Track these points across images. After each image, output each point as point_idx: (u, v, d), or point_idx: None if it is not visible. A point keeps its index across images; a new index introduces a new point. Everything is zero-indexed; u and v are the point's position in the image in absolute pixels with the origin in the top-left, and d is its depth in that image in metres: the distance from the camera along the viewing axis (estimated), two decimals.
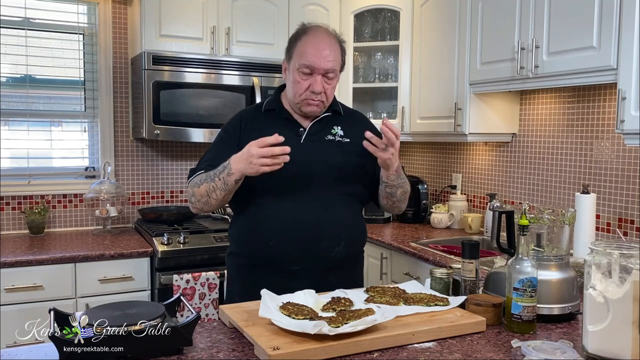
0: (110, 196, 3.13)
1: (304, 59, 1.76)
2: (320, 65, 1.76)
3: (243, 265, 1.85)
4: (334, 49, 1.80)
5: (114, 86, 3.31)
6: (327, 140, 1.85)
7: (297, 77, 1.78)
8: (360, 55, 3.55)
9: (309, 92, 1.78)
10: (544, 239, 1.54)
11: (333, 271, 1.81)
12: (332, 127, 1.87)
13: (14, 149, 3.16)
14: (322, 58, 1.76)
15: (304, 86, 1.78)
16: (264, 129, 1.80)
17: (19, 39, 3.11)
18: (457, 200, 3.29)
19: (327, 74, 1.78)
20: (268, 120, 1.86)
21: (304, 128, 1.84)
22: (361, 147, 1.84)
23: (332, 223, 1.79)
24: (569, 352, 1.23)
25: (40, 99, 3.21)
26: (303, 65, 1.76)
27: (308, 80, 1.77)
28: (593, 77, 2.16)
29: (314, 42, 1.78)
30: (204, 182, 1.74)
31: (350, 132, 1.88)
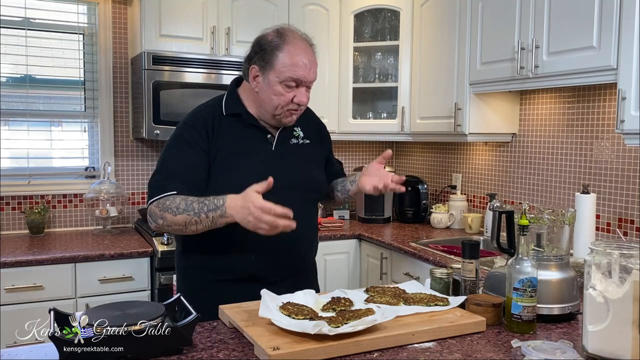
0: (110, 196, 3.13)
1: (291, 73, 1.66)
2: (308, 79, 1.71)
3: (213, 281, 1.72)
4: (314, 59, 1.74)
5: (114, 86, 3.31)
6: (292, 144, 1.81)
7: (281, 90, 1.68)
8: (360, 55, 3.55)
9: (293, 103, 1.70)
10: (544, 239, 1.54)
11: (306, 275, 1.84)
12: (293, 129, 1.83)
13: (14, 149, 3.16)
14: (309, 71, 1.70)
15: (287, 98, 1.69)
16: (232, 137, 1.72)
17: (19, 39, 3.11)
18: (457, 200, 3.29)
19: (309, 85, 1.74)
20: (234, 126, 1.74)
21: (272, 134, 1.78)
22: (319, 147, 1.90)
23: (306, 229, 1.79)
24: (569, 352, 1.23)
25: (40, 99, 3.21)
26: (289, 79, 1.67)
27: (292, 92, 1.69)
28: (593, 77, 2.16)
29: (298, 53, 1.68)
30: (184, 212, 1.56)
31: (308, 132, 1.87)
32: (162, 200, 1.61)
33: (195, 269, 1.77)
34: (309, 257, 1.88)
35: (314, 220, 1.92)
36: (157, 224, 1.64)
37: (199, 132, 1.69)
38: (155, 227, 1.66)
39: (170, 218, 1.58)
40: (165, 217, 1.59)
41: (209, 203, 1.54)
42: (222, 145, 1.70)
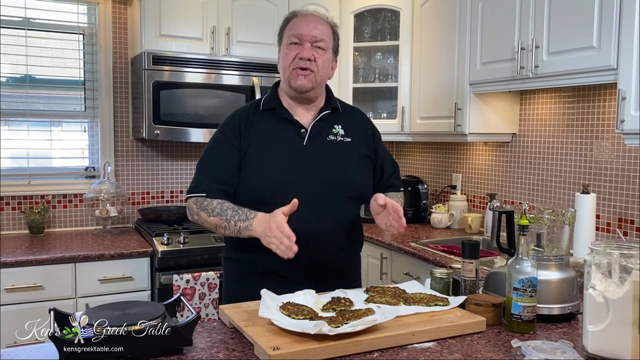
0: (110, 196, 3.13)
1: (292, 30, 1.75)
2: (307, 32, 1.72)
3: (243, 271, 1.80)
4: (322, 23, 1.78)
5: (114, 86, 3.31)
6: (329, 140, 1.80)
7: (286, 50, 1.75)
8: (360, 55, 3.55)
9: (297, 59, 1.72)
10: (544, 239, 1.54)
11: (336, 276, 1.79)
12: (333, 126, 1.82)
13: (14, 149, 3.16)
14: (310, 26, 1.73)
15: (291, 56, 1.73)
16: (264, 131, 1.76)
17: (19, 39, 3.11)
18: (457, 200, 3.29)
19: (316, 43, 1.73)
20: (268, 121, 1.79)
21: (306, 129, 1.78)
22: (362, 146, 1.85)
23: (336, 230, 1.76)
24: (569, 352, 1.23)
25: (40, 99, 3.21)
26: (292, 36, 1.74)
27: (296, 50, 1.73)
28: (593, 77, 2.16)
29: (302, 17, 1.78)
30: (218, 216, 1.67)
31: (351, 131, 1.84)
32: (199, 199, 1.73)
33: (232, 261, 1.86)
34: (339, 257, 1.81)
35: (346, 222, 1.81)
36: (193, 218, 1.77)
37: (231, 130, 1.78)
38: (192, 220, 1.78)
39: (205, 217, 1.71)
40: (200, 215, 1.72)
41: (242, 213, 1.64)
42: (253, 138, 1.75)
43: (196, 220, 1.76)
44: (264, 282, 1.66)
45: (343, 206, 1.79)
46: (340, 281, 1.77)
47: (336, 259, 1.80)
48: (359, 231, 1.92)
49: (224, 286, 1.94)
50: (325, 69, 1.78)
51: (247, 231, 1.61)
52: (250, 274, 1.79)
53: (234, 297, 1.72)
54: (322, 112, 1.82)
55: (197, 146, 3.50)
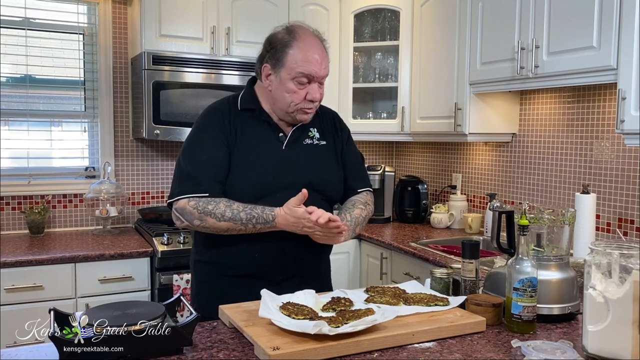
0: (110, 196, 3.13)
1: (302, 68, 1.67)
2: (319, 74, 1.70)
3: (220, 275, 1.76)
4: (325, 54, 1.74)
5: (114, 86, 3.31)
6: (306, 144, 1.79)
7: (293, 87, 1.69)
8: (360, 55, 3.55)
9: (307, 101, 1.70)
10: (544, 239, 1.54)
11: (314, 278, 1.81)
12: (309, 129, 1.82)
13: (14, 149, 3.16)
14: (320, 66, 1.70)
15: (301, 95, 1.69)
16: (245, 132, 1.73)
17: (19, 39, 3.11)
18: (457, 200, 3.29)
19: (321, 80, 1.73)
20: (247, 122, 1.75)
21: (285, 134, 1.77)
22: (337, 148, 1.86)
23: None
24: (569, 352, 1.23)
25: (40, 99, 3.21)
26: (301, 74, 1.67)
27: (305, 89, 1.69)
28: (593, 77, 2.16)
29: (308, 49, 1.69)
30: (230, 220, 1.61)
31: (326, 134, 1.85)
32: (202, 202, 1.64)
33: (204, 264, 1.80)
34: (319, 258, 1.84)
35: None
36: (191, 224, 1.66)
37: (218, 126, 1.72)
38: (186, 226, 1.69)
39: (213, 223, 1.63)
40: (206, 220, 1.63)
41: (258, 217, 1.61)
42: (238, 139, 1.72)
43: (194, 226, 1.66)
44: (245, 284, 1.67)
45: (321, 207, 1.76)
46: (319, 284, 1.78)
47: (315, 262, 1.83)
48: None
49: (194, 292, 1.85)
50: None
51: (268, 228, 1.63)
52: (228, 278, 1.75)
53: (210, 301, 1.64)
54: None
55: None
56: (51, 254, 2.63)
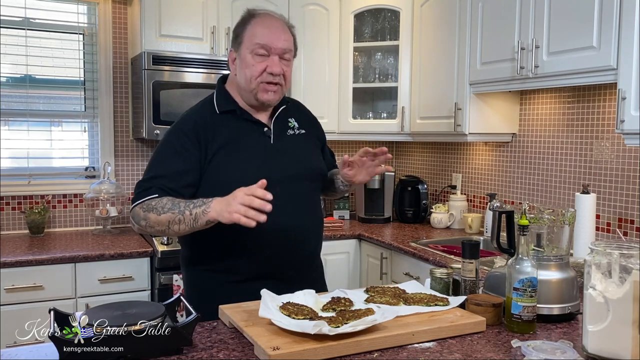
0: (110, 196, 3.13)
1: (259, 39, 1.65)
2: (276, 45, 1.66)
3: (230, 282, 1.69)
4: (286, 30, 1.72)
5: (114, 86, 3.31)
6: (289, 135, 1.79)
7: (252, 60, 1.66)
8: (360, 55, 3.55)
9: (266, 74, 1.65)
10: (544, 239, 1.54)
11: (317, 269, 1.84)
12: (288, 120, 1.81)
13: (14, 149, 3.16)
14: (278, 37, 1.67)
15: (259, 69, 1.65)
16: (229, 135, 1.69)
17: (19, 39, 3.11)
18: (457, 200, 3.29)
19: (283, 55, 1.68)
20: (229, 123, 1.71)
21: (269, 127, 1.75)
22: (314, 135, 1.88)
23: (313, 221, 1.79)
24: (569, 352, 1.23)
25: (40, 99, 3.21)
26: (257, 46, 1.65)
27: (264, 62, 1.66)
28: (593, 77, 2.16)
29: (266, 22, 1.70)
30: (170, 211, 1.53)
31: (302, 123, 1.84)
32: (147, 201, 1.59)
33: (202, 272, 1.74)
34: (317, 251, 1.84)
35: (317, 212, 1.84)
36: (139, 226, 1.62)
37: (188, 137, 1.66)
38: (138, 229, 1.69)
39: (154, 218, 1.56)
40: (148, 217, 1.57)
41: (197, 201, 1.52)
42: (219, 144, 1.67)
43: (142, 227, 1.61)
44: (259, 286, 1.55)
45: (312, 198, 1.82)
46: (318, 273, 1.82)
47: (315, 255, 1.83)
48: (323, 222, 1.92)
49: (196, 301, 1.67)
50: (290, 80, 1.76)
51: (204, 216, 1.48)
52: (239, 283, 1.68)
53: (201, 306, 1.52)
54: (279, 109, 1.79)
55: None
56: (51, 254, 2.63)
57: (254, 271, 1.69)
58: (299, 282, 1.63)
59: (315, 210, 1.83)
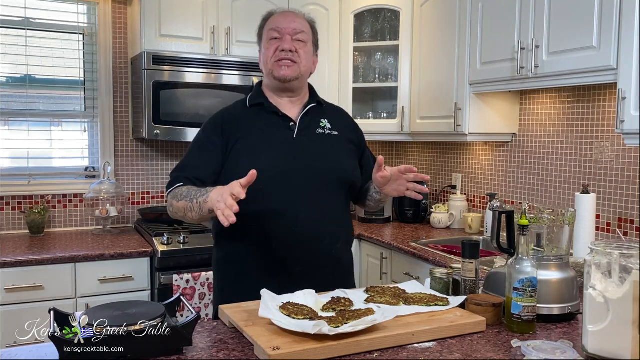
0: (110, 196, 3.13)
1: (271, 25, 1.79)
2: (286, 25, 1.76)
3: (240, 272, 1.77)
4: (300, 17, 1.83)
5: (114, 86, 3.31)
6: (318, 133, 1.82)
7: (267, 45, 1.79)
8: (360, 55, 3.55)
9: (278, 52, 1.75)
10: (544, 239, 1.54)
11: (333, 270, 1.80)
12: (320, 120, 1.85)
13: (14, 149, 3.16)
14: (289, 19, 1.78)
15: (272, 49, 1.77)
16: (253, 126, 1.78)
17: (19, 39, 3.11)
18: (457, 200, 3.29)
19: (296, 36, 1.77)
20: (256, 116, 1.80)
21: (295, 122, 1.80)
22: (349, 140, 1.88)
23: (331, 220, 1.78)
24: (569, 352, 1.23)
25: (40, 99, 3.21)
26: (271, 30, 1.78)
27: (277, 43, 1.77)
28: (593, 77, 2.16)
29: (280, 14, 1.84)
30: (184, 198, 1.65)
31: (337, 125, 1.87)
32: (173, 190, 1.74)
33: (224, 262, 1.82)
34: (334, 249, 1.80)
35: (339, 213, 1.82)
36: (170, 212, 1.77)
37: (213, 128, 1.79)
38: (171, 216, 1.78)
39: (176, 205, 1.70)
40: (172, 204, 1.72)
41: (203, 190, 1.61)
42: (242, 134, 1.76)
43: (172, 213, 1.76)
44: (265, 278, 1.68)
45: (335, 198, 1.81)
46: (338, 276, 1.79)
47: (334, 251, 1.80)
48: (350, 226, 1.93)
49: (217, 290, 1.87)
50: (308, 61, 1.82)
51: (205, 205, 1.55)
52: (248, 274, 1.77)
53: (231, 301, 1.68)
54: (309, 106, 1.85)
55: None
56: (51, 254, 2.63)
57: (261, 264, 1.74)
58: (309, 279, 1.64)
59: (333, 208, 1.79)
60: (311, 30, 1.84)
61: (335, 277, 1.78)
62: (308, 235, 1.72)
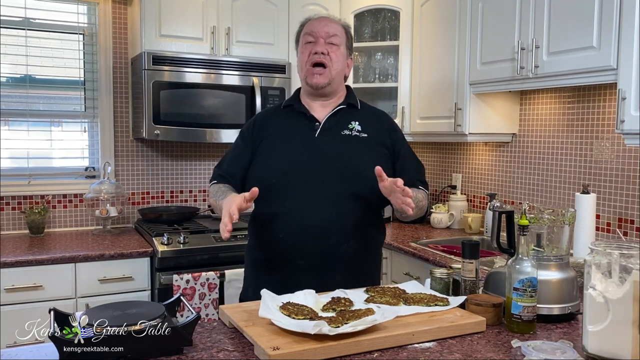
0: (110, 196, 3.13)
1: (306, 30, 1.87)
2: (320, 29, 1.83)
3: (256, 259, 1.89)
4: (335, 22, 1.90)
5: (114, 86, 3.31)
6: (343, 135, 1.83)
7: (302, 49, 1.86)
8: (360, 55, 3.55)
9: (312, 55, 1.81)
10: (544, 239, 1.54)
11: (340, 269, 1.78)
12: (350, 121, 1.86)
13: (14, 149, 3.16)
14: (323, 24, 1.85)
15: (307, 52, 1.83)
16: (280, 126, 1.87)
17: (19, 39, 3.11)
18: (457, 200, 3.29)
19: (329, 39, 1.83)
20: (285, 117, 1.90)
21: (319, 122, 1.84)
22: (380, 142, 1.86)
23: (341, 220, 1.76)
24: (569, 352, 1.23)
25: (40, 99, 3.21)
26: (306, 35, 1.85)
27: (310, 47, 1.83)
28: (593, 77, 2.16)
29: (317, 18, 1.91)
30: (213, 197, 1.83)
31: (369, 128, 1.86)
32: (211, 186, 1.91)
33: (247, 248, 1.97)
34: (344, 250, 1.77)
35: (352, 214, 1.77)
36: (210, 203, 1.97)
37: (247, 128, 1.94)
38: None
39: (210, 201, 1.91)
40: (209, 199, 1.93)
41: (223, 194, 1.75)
42: (268, 133, 1.86)
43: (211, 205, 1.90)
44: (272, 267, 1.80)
45: (350, 200, 1.77)
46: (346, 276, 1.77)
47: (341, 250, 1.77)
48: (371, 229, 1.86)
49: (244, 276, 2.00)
50: (340, 64, 1.86)
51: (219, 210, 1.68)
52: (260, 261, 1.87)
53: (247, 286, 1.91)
54: (338, 106, 1.88)
55: (197, 146, 3.50)
56: (51, 254, 2.63)
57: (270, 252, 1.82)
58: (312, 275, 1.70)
59: (349, 210, 1.76)
60: (345, 34, 1.90)
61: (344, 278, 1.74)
62: (314, 231, 1.75)
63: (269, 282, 1.60)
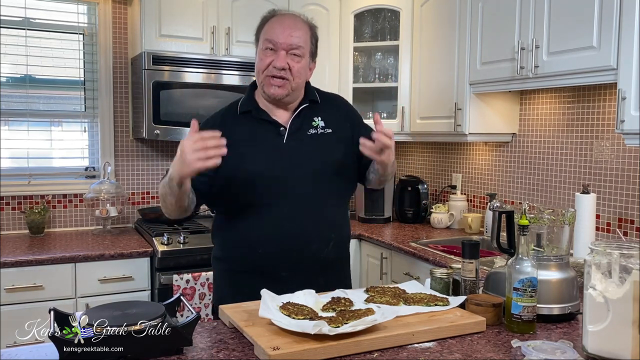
0: (110, 196, 3.13)
1: (267, 35, 1.71)
2: (283, 40, 1.69)
3: (229, 270, 1.81)
4: (300, 27, 1.74)
5: (114, 86, 3.31)
6: (310, 135, 1.77)
7: (261, 55, 1.72)
8: (360, 55, 3.55)
9: (271, 67, 1.69)
10: (544, 239, 1.54)
11: (322, 273, 1.78)
12: (312, 119, 1.79)
13: (14, 149, 3.16)
14: (285, 33, 1.70)
15: (265, 62, 1.70)
16: (241, 134, 1.75)
17: (19, 39, 3.11)
18: (457, 200, 3.29)
19: (292, 51, 1.70)
20: (245, 124, 1.77)
21: (285, 127, 1.76)
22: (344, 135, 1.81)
23: (320, 224, 1.76)
24: (569, 352, 1.23)
25: (40, 99, 3.21)
26: (266, 41, 1.71)
27: (271, 57, 1.70)
28: (593, 77, 2.16)
29: (279, 20, 1.75)
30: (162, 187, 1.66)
31: (331, 121, 1.81)
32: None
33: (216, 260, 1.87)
34: (326, 254, 1.78)
35: (330, 217, 1.80)
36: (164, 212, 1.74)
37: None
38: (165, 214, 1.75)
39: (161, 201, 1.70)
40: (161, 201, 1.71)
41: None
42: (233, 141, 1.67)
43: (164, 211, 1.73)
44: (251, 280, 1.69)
45: (327, 202, 1.78)
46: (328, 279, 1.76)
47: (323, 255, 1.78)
48: (345, 228, 1.91)
49: (214, 287, 1.92)
50: (302, 76, 1.75)
51: (171, 181, 1.54)
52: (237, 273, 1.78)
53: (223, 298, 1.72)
54: (300, 107, 1.79)
55: None
56: (51, 254, 2.63)
57: (248, 265, 1.75)
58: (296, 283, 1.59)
59: (325, 212, 1.78)
60: (310, 39, 1.77)
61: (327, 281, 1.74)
62: (295, 241, 1.71)
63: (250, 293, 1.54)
